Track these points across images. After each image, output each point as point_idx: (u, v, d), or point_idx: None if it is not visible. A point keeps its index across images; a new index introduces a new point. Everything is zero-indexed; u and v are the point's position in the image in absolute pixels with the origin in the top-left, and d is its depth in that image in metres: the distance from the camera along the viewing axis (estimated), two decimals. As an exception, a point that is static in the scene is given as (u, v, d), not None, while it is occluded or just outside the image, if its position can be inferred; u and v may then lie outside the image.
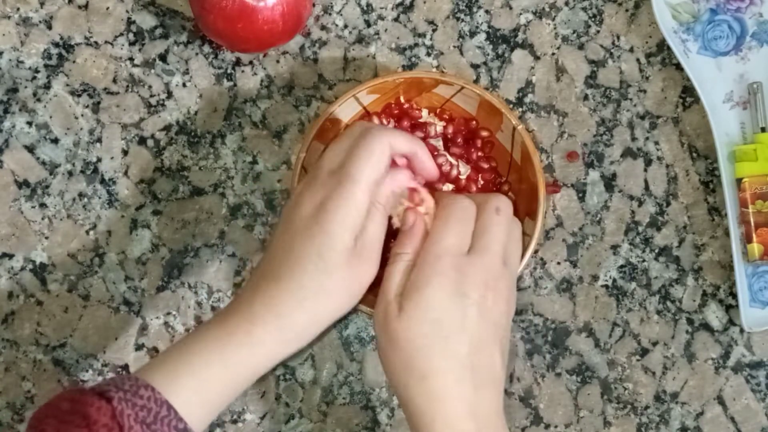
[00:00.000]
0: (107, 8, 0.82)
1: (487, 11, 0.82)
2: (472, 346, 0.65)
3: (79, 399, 0.59)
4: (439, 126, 0.78)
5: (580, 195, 0.81)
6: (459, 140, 0.78)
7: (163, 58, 0.82)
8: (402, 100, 0.79)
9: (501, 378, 0.66)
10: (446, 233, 0.67)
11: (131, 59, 0.82)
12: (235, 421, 0.81)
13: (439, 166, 0.75)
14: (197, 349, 0.63)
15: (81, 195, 0.81)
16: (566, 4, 0.82)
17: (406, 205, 0.69)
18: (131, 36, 0.82)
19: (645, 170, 0.82)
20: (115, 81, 0.82)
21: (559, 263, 0.81)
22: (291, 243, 0.65)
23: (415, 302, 0.64)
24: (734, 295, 0.80)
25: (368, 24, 0.82)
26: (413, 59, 0.82)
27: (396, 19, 0.82)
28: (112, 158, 0.81)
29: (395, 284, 0.66)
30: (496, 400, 0.66)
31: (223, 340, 0.63)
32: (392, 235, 0.70)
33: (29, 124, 0.81)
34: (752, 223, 0.78)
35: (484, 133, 0.78)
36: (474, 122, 0.79)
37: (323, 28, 0.82)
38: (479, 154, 0.78)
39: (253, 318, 0.64)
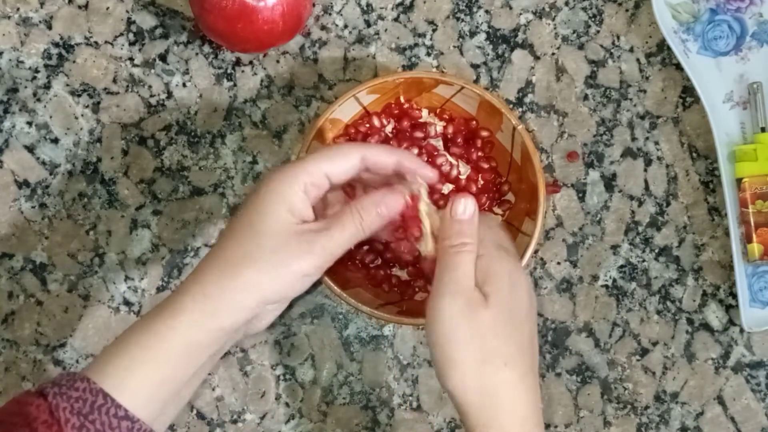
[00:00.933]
0: (107, 8, 0.82)
1: (487, 11, 0.82)
2: (532, 334, 0.66)
3: (22, 399, 0.60)
4: (439, 126, 0.78)
5: (580, 195, 0.81)
6: (459, 140, 0.78)
7: (163, 58, 0.82)
8: (402, 100, 0.79)
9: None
10: (486, 228, 0.67)
11: (131, 59, 0.82)
12: (235, 421, 0.81)
13: (439, 166, 0.76)
14: (128, 336, 0.63)
15: (81, 195, 0.81)
16: (566, 4, 0.82)
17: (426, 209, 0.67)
18: (131, 36, 0.82)
19: (645, 170, 0.82)
20: (115, 81, 0.82)
21: (559, 263, 0.81)
22: (231, 222, 0.66)
23: (498, 291, 0.64)
24: (734, 295, 0.80)
25: (368, 24, 0.82)
26: (413, 59, 0.82)
27: (396, 19, 0.82)
28: (112, 158, 0.81)
29: (470, 274, 0.65)
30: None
31: (150, 318, 0.63)
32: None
33: (29, 124, 0.81)
34: (752, 223, 0.78)
35: (484, 133, 0.78)
36: (474, 122, 0.79)
37: (323, 28, 0.82)
38: (479, 154, 0.78)
39: (179, 291, 0.63)
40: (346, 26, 0.82)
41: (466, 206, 0.66)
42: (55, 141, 0.81)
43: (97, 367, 0.62)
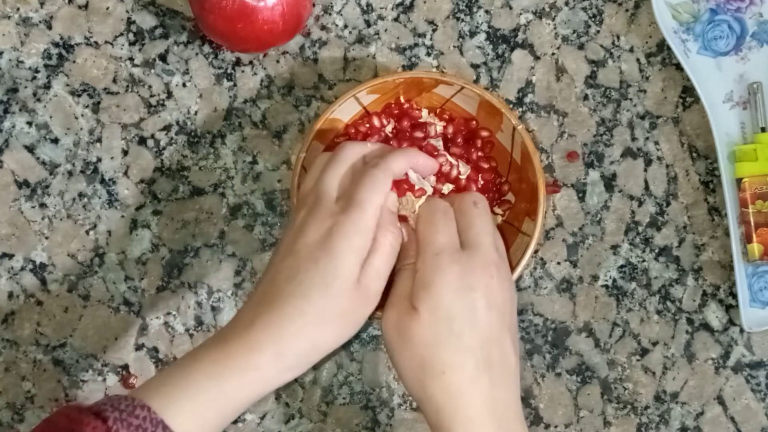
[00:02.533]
0: (107, 8, 0.82)
1: (487, 11, 0.82)
2: (484, 338, 0.65)
3: (76, 418, 0.59)
4: (439, 126, 0.78)
5: (580, 195, 0.81)
6: (459, 140, 0.78)
7: (163, 58, 0.82)
8: (402, 100, 0.79)
9: (515, 368, 0.67)
10: (435, 233, 0.68)
11: (131, 59, 0.82)
12: (235, 421, 0.80)
13: (439, 166, 0.75)
14: (195, 371, 0.63)
15: (81, 195, 0.81)
16: (566, 4, 0.82)
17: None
18: (131, 36, 0.82)
19: (645, 170, 0.82)
20: (115, 81, 0.82)
21: (559, 263, 0.81)
22: (295, 269, 0.65)
23: (426, 301, 0.65)
24: (734, 295, 0.80)
25: (368, 24, 0.82)
26: (413, 59, 0.82)
27: (396, 19, 0.82)
28: (112, 158, 0.81)
29: (405, 289, 0.67)
30: (513, 392, 0.66)
31: (220, 363, 0.63)
32: None
33: (29, 124, 0.81)
34: (752, 223, 0.78)
35: (484, 133, 0.78)
36: (474, 122, 0.79)
37: (323, 28, 0.82)
38: (479, 154, 0.78)
39: (251, 343, 0.63)
40: (346, 26, 0.82)
41: (407, 232, 0.70)
42: (55, 141, 0.81)
43: (158, 399, 0.61)
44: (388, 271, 0.67)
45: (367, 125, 0.78)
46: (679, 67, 0.80)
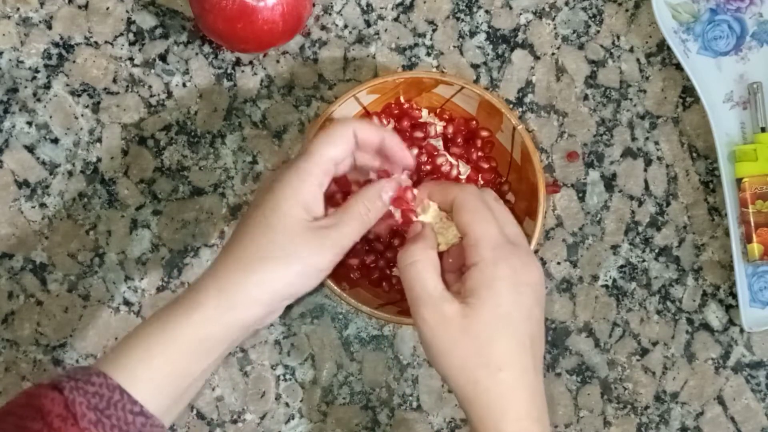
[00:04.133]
0: (107, 8, 0.82)
1: (487, 11, 0.82)
2: (533, 334, 0.65)
3: (34, 392, 0.60)
4: (439, 126, 0.78)
5: (580, 195, 0.81)
6: (459, 140, 0.78)
7: (163, 58, 0.82)
8: (402, 100, 0.79)
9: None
10: (488, 225, 0.66)
11: (131, 59, 0.82)
12: (235, 421, 0.81)
13: (439, 166, 0.76)
14: (144, 328, 0.63)
15: (81, 195, 0.81)
16: (566, 4, 0.82)
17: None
18: (131, 36, 0.82)
19: (645, 170, 0.82)
20: (115, 81, 0.82)
21: (559, 263, 0.81)
22: (243, 216, 0.66)
23: (484, 297, 0.64)
24: (734, 295, 0.80)
25: (368, 24, 0.82)
26: (413, 59, 0.82)
27: (396, 19, 0.82)
28: (112, 158, 0.81)
29: (434, 283, 0.65)
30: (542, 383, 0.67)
31: (165, 312, 0.63)
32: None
33: (29, 124, 0.81)
34: (752, 223, 0.78)
35: (484, 133, 0.78)
36: (474, 122, 0.79)
37: (323, 28, 0.82)
38: (479, 154, 0.78)
39: (195, 287, 0.64)
40: (346, 26, 0.82)
41: (418, 226, 0.68)
42: (55, 141, 0.81)
43: (111, 360, 0.62)
44: (354, 233, 0.66)
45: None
46: (679, 67, 0.80)
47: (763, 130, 0.79)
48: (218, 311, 0.62)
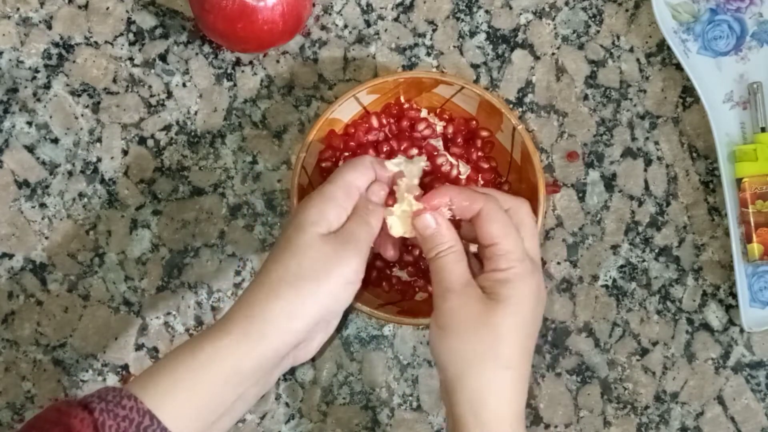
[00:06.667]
0: (107, 8, 0.82)
1: (487, 11, 0.82)
2: (534, 346, 0.68)
3: (65, 410, 0.59)
4: (439, 126, 0.78)
5: (580, 195, 0.81)
6: (459, 140, 0.78)
7: (163, 58, 0.82)
8: (402, 100, 0.79)
9: None
10: (514, 238, 0.67)
11: (131, 59, 0.82)
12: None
13: (439, 166, 0.76)
14: (175, 355, 0.63)
15: (81, 195, 0.81)
16: (566, 4, 0.82)
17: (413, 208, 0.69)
18: (131, 36, 0.82)
19: (645, 170, 0.82)
20: (115, 81, 0.82)
21: (559, 263, 0.81)
22: (274, 245, 0.67)
23: (508, 299, 0.65)
24: (734, 295, 0.80)
25: (368, 24, 0.82)
26: (413, 59, 0.82)
27: (396, 19, 0.82)
28: (112, 158, 0.81)
29: (459, 274, 0.67)
30: None
31: (197, 340, 0.63)
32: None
33: (29, 124, 0.81)
34: (752, 223, 0.78)
35: (484, 133, 0.78)
36: (474, 122, 0.79)
37: (323, 28, 0.82)
38: (479, 154, 0.78)
39: (226, 315, 0.64)
40: (346, 26, 0.82)
41: (426, 223, 0.68)
42: (55, 141, 0.81)
43: (141, 384, 0.61)
44: (366, 236, 0.67)
45: (366, 125, 0.78)
46: (679, 67, 0.80)
47: (763, 130, 0.79)
48: (248, 340, 0.63)
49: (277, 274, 0.64)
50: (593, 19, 0.82)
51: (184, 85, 0.82)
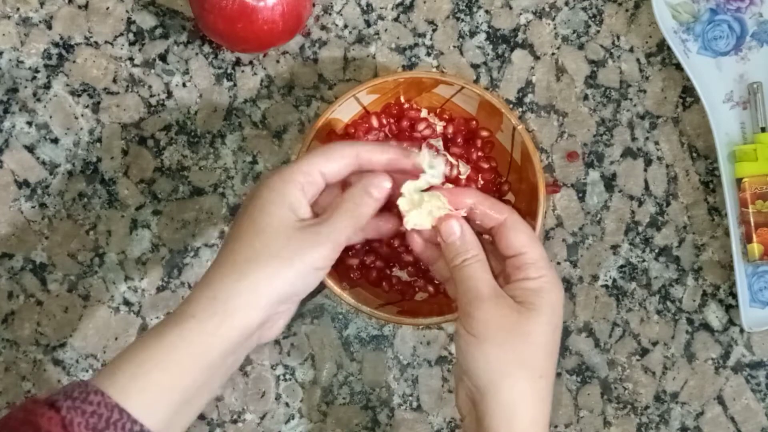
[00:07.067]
0: (107, 8, 0.82)
1: (487, 11, 0.82)
2: (558, 350, 0.67)
3: (32, 409, 0.58)
4: (439, 126, 0.78)
5: (580, 195, 0.81)
6: (459, 140, 0.78)
7: (163, 58, 0.82)
8: (402, 100, 0.79)
9: None
10: (541, 248, 0.67)
11: (131, 59, 0.82)
12: (235, 421, 0.81)
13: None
14: (139, 343, 0.62)
15: (81, 195, 0.81)
16: (566, 4, 0.82)
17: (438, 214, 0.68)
18: (131, 36, 0.82)
19: (645, 170, 0.82)
20: (115, 81, 0.82)
21: (559, 263, 0.81)
22: (232, 225, 0.65)
23: (541, 308, 0.65)
24: (734, 295, 0.80)
25: (368, 24, 0.82)
26: (413, 59, 0.82)
27: (396, 19, 0.82)
28: (112, 158, 0.81)
29: (487, 282, 0.66)
30: None
31: (161, 326, 0.62)
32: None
33: (29, 124, 0.81)
34: (752, 223, 0.78)
35: (484, 133, 0.78)
36: (474, 122, 0.79)
37: (323, 28, 0.82)
38: (479, 154, 0.78)
39: (188, 298, 0.63)
40: (346, 26, 0.82)
41: (450, 229, 0.67)
42: (55, 141, 0.81)
43: (107, 376, 0.60)
44: (345, 228, 0.65)
45: (366, 125, 0.78)
46: (679, 67, 0.80)
47: (763, 130, 0.79)
48: (212, 320, 0.61)
49: (240, 254, 0.63)
50: (593, 19, 0.82)
51: (184, 85, 0.82)
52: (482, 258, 0.67)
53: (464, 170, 0.77)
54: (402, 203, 0.68)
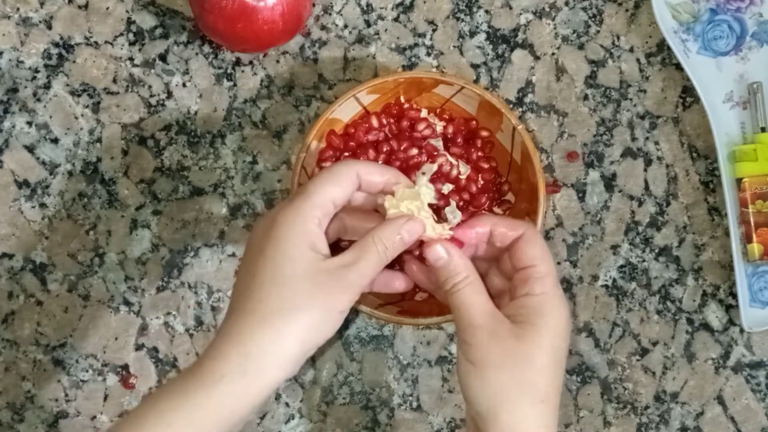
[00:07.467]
0: (107, 8, 0.82)
1: (487, 11, 0.82)
2: (564, 372, 0.66)
3: None
4: (439, 126, 0.78)
5: (580, 195, 0.81)
6: (459, 140, 0.78)
7: (163, 58, 0.82)
8: (402, 100, 0.79)
9: None
10: (551, 263, 0.66)
11: (131, 59, 0.82)
12: (235, 421, 0.80)
13: (440, 166, 0.76)
14: (163, 395, 0.60)
15: (81, 195, 0.81)
16: (566, 4, 0.82)
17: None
18: (131, 36, 0.82)
19: (645, 170, 0.82)
20: (115, 81, 0.82)
21: (559, 263, 0.81)
22: (247, 266, 0.63)
23: (542, 326, 0.63)
24: (734, 295, 0.80)
25: (368, 24, 0.82)
26: (413, 59, 0.82)
27: (396, 19, 0.82)
28: (112, 158, 0.81)
29: (481, 306, 0.64)
30: None
31: (186, 381, 0.60)
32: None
33: (29, 124, 0.81)
34: (752, 223, 0.78)
35: (484, 133, 0.78)
36: (474, 122, 0.79)
37: (323, 28, 0.82)
38: (479, 154, 0.78)
39: (214, 353, 0.61)
40: (346, 26, 0.82)
41: (436, 254, 0.66)
42: (55, 141, 0.81)
43: (132, 425, 0.59)
44: (373, 272, 0.64)
45: (366, 125, 0.78)
46: (679, 67, 0.80)
47: (763, 130, 0.79)
48: (245, 380, 0.60)
49: (269, 304, 0.60)
50: (593, 19, 0.82)
51: (184, 85, 0.82)
52: (474, 280, 0.65)
53: (464, 170, 0.77)
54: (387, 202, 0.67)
